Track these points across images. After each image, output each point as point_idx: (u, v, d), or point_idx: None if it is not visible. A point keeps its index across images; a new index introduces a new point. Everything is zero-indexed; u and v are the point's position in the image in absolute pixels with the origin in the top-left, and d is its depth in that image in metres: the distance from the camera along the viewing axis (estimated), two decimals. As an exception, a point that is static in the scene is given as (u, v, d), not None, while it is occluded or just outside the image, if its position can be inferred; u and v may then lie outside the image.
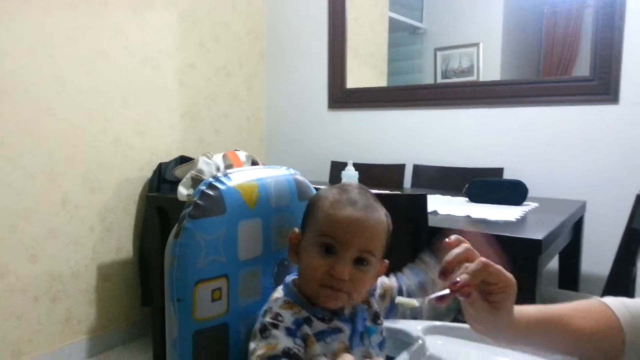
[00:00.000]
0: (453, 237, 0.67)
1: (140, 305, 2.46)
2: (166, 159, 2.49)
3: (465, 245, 0.66)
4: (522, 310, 0.68)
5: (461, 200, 1.93)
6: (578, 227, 1.96)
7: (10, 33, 1.92)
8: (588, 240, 2.03)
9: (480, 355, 0.85)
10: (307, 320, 0.70)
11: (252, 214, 0.79)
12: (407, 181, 2.53)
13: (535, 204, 1.82)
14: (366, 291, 0.76)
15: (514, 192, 1.83)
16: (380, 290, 0.82)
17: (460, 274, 0.62)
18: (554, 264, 1.98)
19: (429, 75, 3.13)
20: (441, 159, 2.50)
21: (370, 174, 2.42)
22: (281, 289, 0.76)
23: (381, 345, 0.78)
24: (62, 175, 2.12)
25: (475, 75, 2.93)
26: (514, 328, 0.67)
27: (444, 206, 1.76)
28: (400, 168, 2.54)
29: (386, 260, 0.78)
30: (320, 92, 2.94)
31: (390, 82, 3.12)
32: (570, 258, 1.98)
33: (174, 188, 2.09)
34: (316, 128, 2.97)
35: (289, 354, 0.65)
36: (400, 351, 0.82)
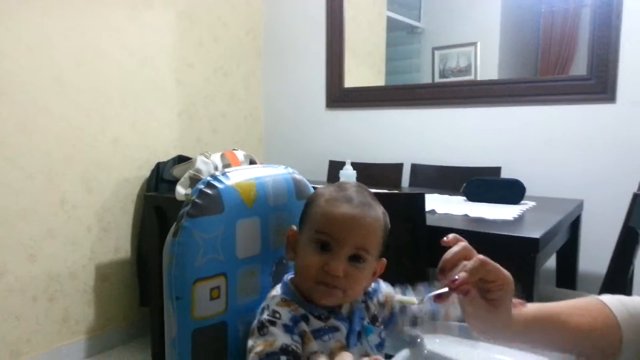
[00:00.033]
0: (451, 236, 0.67)
1: (138, 305, 2.46)
2: (164, 158, 2.49)
3: (463, 243, 0.66)
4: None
5: (459, 199, 1.93)
6: (575, 226, 1.96)
7: (9, 33, 1.92)
8: (585, 238, 2.04)
9: (478, 354, 0.86)
10: (304, 318, 0.70)
11: (250, 213, 0.79)
12: (405, 180, 2.53)
13: (533, 203, 1.83)
14: (362, 288, 0.76)
15: (512, 191, 1.84)
16: (382, 298, 0.81)
17: (458, 272, 0.63)
18: (552, 262, 1.99)
19: (426, 75, 3.13)
20: (439, 158, 2.51)
21: (368, 173, 2.42)
22: (279, 287, 0.76)
23: (379, 346, 0.77)
24: (61, 175, 2.12)
25: (472, 74, 2.93)
26: (512, 326, 0.67)
27: (442, 205, 1.76)
28: (398, 167, 2.54)
29: (384, 259, 0.78)
30: (318, 92, 2.94)
31: (388, 82, 3.12)
32: (568, 256, 1.98)
33: (172, 187, 2.09)
34: (314, 127, 2.97)
35: (287, 350, 0.65)
36: (399, 349, 0.82)
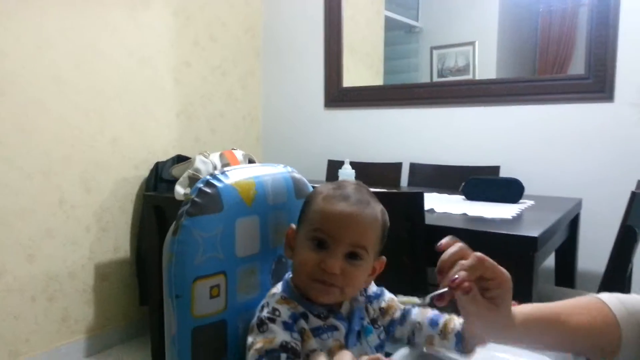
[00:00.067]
0: (447, 239, 0.67)
1: (138, 304, 2.46)
2: (163, 158, 2.49)
3: (460, 244, 0.66)
4: (519, 308, 0.69)
5: (458, 198, 1.94)
6: (574, 225, 1.96)
7: (8, 33, 1.92)
8: (584, 237, 2.04)
9: (477, 352, 0.86)
10: (304, 316, 0.71)
11: (250, 212, 0.79)
12: (404, 179, 2.53)
13: (531, 202, 1.83)
14: (360, 286, 0.76)
15: (510, 190, 1.84)
16: (384, 304, 0.81)
17: (457, 272, 0.63)
18: (550, 261, 1.99)
19: (425, 74, 3.14)
20: (437, 157, 2.51)
21: (367, 173, 2.42)
22: (280, 285, 0.76)
23: (379, 348, 0.77)
24: (60, 175, 2.12)
25: (471, 73, 2.94)
26: (512, 325, 0.67)
27: (441, 204, 1.76)
28: (396, 166, 2.54)
29: (383, 257, 0.78)
30: (316, 91, 2.94)
31: (387, 81, 3.13)
32: (567, 255, 1.98)
33: (171, 187, 2.09)
34: (313, 127, 2.98)
35: (287, 347, 0.66)
36: (398, 348, 0.82)
